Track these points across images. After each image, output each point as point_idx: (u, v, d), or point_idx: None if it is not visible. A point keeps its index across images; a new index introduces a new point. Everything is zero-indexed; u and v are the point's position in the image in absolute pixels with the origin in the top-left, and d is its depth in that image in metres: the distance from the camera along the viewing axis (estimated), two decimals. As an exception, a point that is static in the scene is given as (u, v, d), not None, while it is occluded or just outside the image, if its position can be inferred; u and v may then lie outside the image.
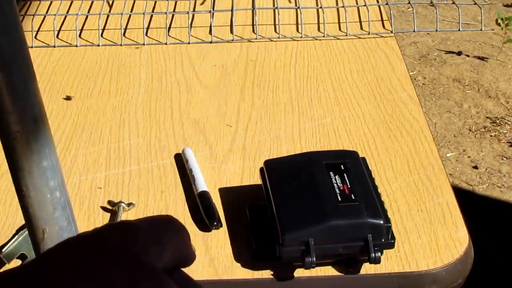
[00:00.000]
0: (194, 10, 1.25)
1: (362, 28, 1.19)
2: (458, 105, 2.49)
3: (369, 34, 1.17)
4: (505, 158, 2.22)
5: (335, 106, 0.99)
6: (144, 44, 1.16)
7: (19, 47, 0.43)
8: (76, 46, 1.16)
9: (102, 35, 1.18)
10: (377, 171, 0.86)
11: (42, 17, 1.24)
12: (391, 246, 0.71)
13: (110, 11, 1.25)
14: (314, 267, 0.69)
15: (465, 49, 2.82)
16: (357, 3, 1.27)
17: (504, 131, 2.35)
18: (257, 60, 1.11)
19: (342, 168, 0.75)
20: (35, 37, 1.19)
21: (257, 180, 0.82)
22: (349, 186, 0.73)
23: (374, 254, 0.68)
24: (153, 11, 1.26)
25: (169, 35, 1.18)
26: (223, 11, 1.23)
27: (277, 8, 1.23)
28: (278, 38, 1.17)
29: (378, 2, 1.27)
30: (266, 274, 0.72)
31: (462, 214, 0.80)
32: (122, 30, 1.19)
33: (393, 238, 0.71)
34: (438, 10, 1.27)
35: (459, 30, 1.28)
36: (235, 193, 0.84)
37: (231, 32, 1.19)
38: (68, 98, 0.95)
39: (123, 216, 0.80)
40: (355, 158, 0.78)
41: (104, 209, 0.82)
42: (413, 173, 0.86)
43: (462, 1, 1.31)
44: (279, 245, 0.69)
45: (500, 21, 2.70)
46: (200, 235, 0.77)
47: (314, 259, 0.68)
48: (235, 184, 0.85)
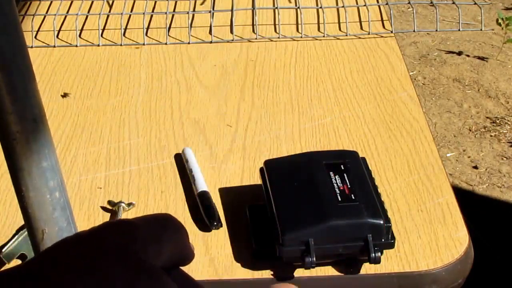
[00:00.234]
0: (194, 10, 1.25)
1: (362, 28, 1.19)
2: (458, 105, 2.49)
3: (369, 34, 1.17)
4: (505, 158, 2.22)
5: (335, 106, 0.99)
6: (144, 44, 1.16)
7: (19, 47, 0.43)
8: (76, 46, 1.16)
9: (102, 35, 1.18)
10: (377, 171, 0.86)
11: (42, 17, 1.24)
12: (391, 246, 0.71)
13: (110, 11, 1.25)
14: (314, 267, 0.69)
15: (465, 49, 2.81)
16: (357, 3, 1.27)
17: (504, 131, 2.34)
18: (257, 60, 1.11)
19: (342, 168, 0.75)
20: (35, 37, 1.19)
21: (257, 180, 0.82)
22: (349, 186, 0.73)
23: (374, 254, 0.68)
24: (153, 11, 1.26)
25: (169, 35, 1.18)
26: (223, 11, 1.23)
27: (277, 8, 1.23)
28: (278, 38, 1.17)
29: (378, 2, 1.27)
30: (266, 274, 0.72)
31: (462, 214, 0.80)
32: (122, 30, 1.19)
33: (393, 238, 0.71)
34: (438, 10, 1.27)
35: (459, 30, 1.28)
36: (235, 193, 0.83)
37: (231, 32, 1.19)
38: (65, 95, 0.95)
39: (123, 216, 0.80)
40: (355, 158, 0.78)
41: (104, 209, 0.82)
42: (413, 173, 0.86)
43: (462, 1, 1.31)
44: (279, 245, 0.69)
45: (500, 21, 2.70)
46: (200, 235, 0.77)
47: (314, 259, 0.68)
48: (235, 184, 0.85)
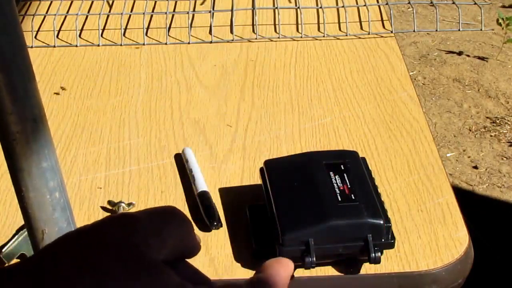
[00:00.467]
0: (194, 10, 1.25)
1: (362, 28, 1.19)
2: (458, 105, 2.49)
3: (369, 34, 1.17)
4: (505, 158, 2.22)
5: (335, 106, 0.99)
6: (144, 44, 1.16)
7: (19, 48, 0.43)
8: (76, 46, 1.16)
9: (102, 35, 1.18)
10: (377, 171, 0.86)
11: (42, 17, 1.24)
12: (391, 246, 0.71)
13: (110, 11, 1.25)
14: (314, 267, 0.69)
15: (465, 49, 2.81)
16: (357, 3, 1.27)
17: (504, 131, 2.34)
18: (257, 60, 1.11)
19: (342, 168, 0.75)
20: (35, 37, 1.19)
21: (257, 180, 0.82)
22: (349, 186, 0.73)
23: (374, 254, 0.68)
24: (153, 11, 1.26)
25: (169, 35, 1.18)
26: (223, 11, 1.23)
27: (277, 8, 1.23)
28: (278, 38, 1.17)
29: (378, 2, 1.27)
30: (266, 274, 0.72)
31: (462, 214, 0.80)
32: (122, 30, 1.19)
33: (393, 238, 0.71)
34: (438, 10, 1.27)
35: (459, 30, 1.28)
36: (235, 193, 0.83)
37: (231, 32, 1.19)
38: (61, 89, 0.95)
39: (123, 216, 0.80)
40: (355, 158, 0.78)
41: (104, 209, 0.82)
42: (413, 173, 0.86)
43: (462, 1, 1.31)
44: (279, 245, 0.69)
45: (501, 21, 2.70)
46: (200, 235, 0.77)
47: (314, 259, 0.68)
48: (235, 184, 0.85)
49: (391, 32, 1.18)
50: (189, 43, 1.16)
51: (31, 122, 0.44)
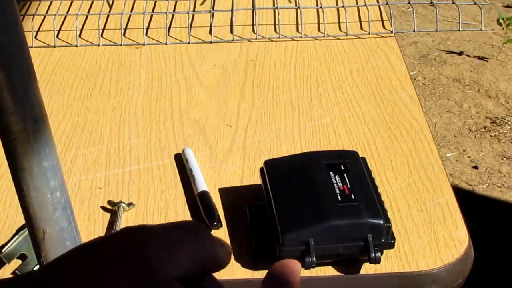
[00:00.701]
0: (194, 10, 1.25)
1: (362, 28, 1.19)
2: (458, 105, 2.49)
3: (369, 34, 1.17)
4: (505, 158, 2.22)
5: (335, 106, 0.99)
6: (144, 44, 1.16)
7: (20, 47, 0.43)
8: (76, 46, 1.16)
9: (102, 35, 1.18)
10: (377, 171, 0.86)
11: (42, 17, 1.24)
12: (391, 246, 0.71)
13: (110, 11, 1.25)
14: (314, 267, 0.69)
15: (465, 49, 2.82)
16: (357, 3, 1.27)
17: (504, 131, 2.35)
18: (257, 60, 1.11)
19: (342, 168, 0.75)
20: (35, 37, 1.19)
21: (257, 180, 0.82)
22: (349, 186, 0.73)
23: (374, 254, 0.68)
24: (153, 11, 1.26)
25: (169, 35, 1.18)
26: (223, 11, 1.23)
27: (277, 8, 1.23)
28: (278, 38, 1.17)
29: (378, 2, 1.27)
30: (266, 274, 0.72)
31: (462, 214, 0.80)
32: (122, 30, 1.19)
33: (393, 238, 0.71)
34: (438, 10, 1.27)
35: (459, 30, 1.28)
36: (235, 193, 0.84)
37: (231, 32, 1.19)
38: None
39: (123, 216, 0.80)
40: (355, 158, 0.78)
41: (104, 209, 0.82)
42: (413, 173, 0.86)
43: (462, 1, 1.31)
44: (279, 245, 0.69)
45: (501, 21, 2.70)
46: (200, 235, 0.77)
47: (314, 259, 0.68)
48: (235, 184, 0.85)
49: (391, 32, 1.18)
50: (189, 43, 1.16)
51: (32, 121, 0.44)
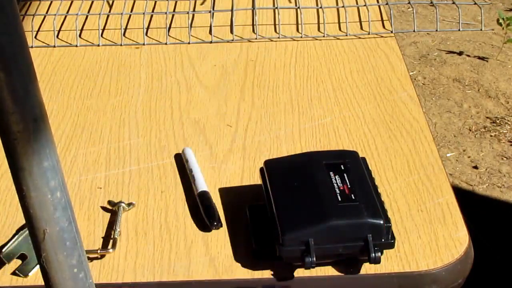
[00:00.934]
0: (194, 10, 1.25)
1: (362, 28, 1.19)
2: (458, 105, 2.49)
3: (369, 34, 1.17)
4: (505, 158, 2.22)
5: (335, 106, 0.99)
6: (144, 44, 1.16)
7: (20, 47, 0.42)
8: (76, 46, 1.16)
9: (102, 35, 1.18)
10: (377, 171, 0.86)
11: (42, 17, 1.24)
12: (391, 246, 0.71)
13: (110, 11, 1.25)
14: (314, 267, 0.69)
15: (465, 49, 2.81)
16: (357, 3, 1.27)
17: (504, 131, 2.34)
18: (257, 60, 1.11)
19: (342, 168, 0.75)
20: (35, 37, 1.19)
21: (257, 180, 0.82)
22: (349, 186, 0.73)
23: (374, 254, 0.68)
24: (153, 11, 1.26)
25: (169, 35, 1.18)
26: (223, 11, 1.23)
27: (277, 8, 1.23)
28: (278, 38, 1.17)
29: (378, 2, 1.27)
30: (266, 274, 0.72)
31: (462, 214, 0.80)
32: (122, 30, 1.19)
33: (393, 238, 0.71)
34: (438, 10, 1.27)
35: (459, 30, 1.28)
36: (235, 193, 0.84)
37: (231, 32, 1.19)
38: None
39: (123, 216, 0.80)
40: (355, 158, 0.78)
41: (104, 209, 0.82)
42: (413, 173, 0.86)
43: (462, 1, 1.31)
44: (279, 245, 0.69)
45: (501, 21, 2.70)
46: (200, 235, 0.77)
47: (314, 259, 0.68)
48: (235, 184, 0.85)
49: (391, 32, 1.18)
50: (189, 43, 1.16)
51: (32, 121, 0.44)
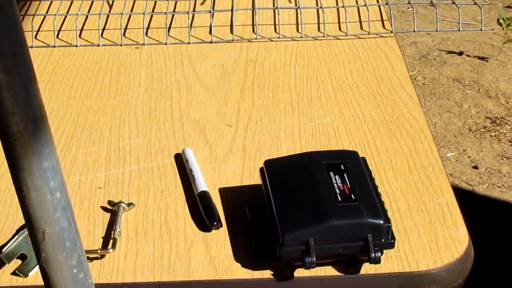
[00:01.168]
0: (194, 10, 1.25)
1: (362, 28, 1.19)
2: (458, 105, 2.49)
3: (369, 34, 1.17)
4: (505, 158, 2.22)
5: (335, 106, 0.99)
6: (144, 44, 1.16)
7: (20, 47, 0.42)
8: (76, 46, 1.16)
9: (102, 35, 1.18)
10: (377, 171, 0.86)
11: (42, 17, 1.24)
12: (391, 246, 0.71)
13: (110, 11, 1.25)
14: (314, 267, 0.69)
15: (465, 49, 2.81)
16: (357, 3, 1.27)
17: (504, 131, 2.34)
18: (257, 60, 1.11)
19: (342, 168, 0.75)
20: (35, 37, 1.19)
21: (257, 180, 0.82)
22: (349, 186, 0.73)
23: (374, 254, 0.68)
24: (153, 11, 1.26)
25: (169, 35, 1.18)
26: (223, 11, 1.23)
27: (277, 8, 1.23)
28: (278, 38, 1.17)
29: (378, 2, 1.27)
30: (266, 274, 0.72)
31: (462, 214, 0.80)
32: (122, 30, 1.19)
33: (393, 238, 0.71)
34: (438, 10, 1.27)
35: (459, 30, 1.28)
36: (235, 193, 0.84)
37: (231, 32, 1.19)
38: None
39: (123, 216, 0.80)
40: (355, 158, 0.78)
41: (104, 209, 0.82)
42: (413, 173, 0.86)
43: (462, 1, 1.31)
44: (279, 245, 0.69)
45: (502, 21, 2.70)
46: (200, 235, 0.77)
47: (314, 259, 0.68)
48: (235, 184, 0.85)
49: (391, 32, 1.18)
50: (189, 43, 1.16)
51: (32, 122, 0.44)
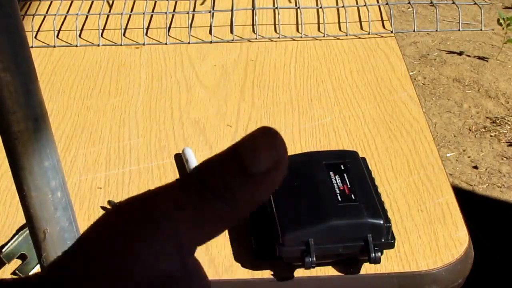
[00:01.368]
0: (194, 10, 1.25)
1: (362, 28, 1.19)
2: (458, 105, 2.49)
3: (369, 34, 1.17)
4: (505, 158, 2.22)
5: (335, 106, 0.99)
6: (144, 44, 1.16)
7: (21, 47, 0.43)
8: (76, 46, 1.16)
9: (102, 35, 1.18)
10: (377, 171, 0.86)
11: (42, 17, 1.24)
12: (391, 246, 0.71)
13: (110, 11, 1.25)
14: (314, 267, 0.69)
15: (465, 49, 2.82)
16: (357, 3, 1.27)
17: (504, 131, 2.35)
18: (257, 60, 1.11)
19: (342, 168, 0.75)
20: (35, 37, 1.19)
21: (257, 180, 0.82)
22: (349, 186, 0.73)
23: (374, 254, 0.68)
24: (153, 11, 1.26)
25: (169, 35, 1.18)
26: (223, 11, 1.23)
27: (277, 8, 1.23)
28: (278, 38, 1.17)
29: (378, 2, 1.27)
30: (266, 274, 0.72)
31: (462, 214, 0.80)
32: (122, 30, 1.19)
33: (393, 238, 0.71)
34: (438, 10, 1.27)
35: (459, 30, 1.28)
36: (235, 193, 0.83)
37: (231, 32, 1.19)
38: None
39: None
40: (355, 158, 0.78)
41: (104, 209, 0.82)
42: (413, 173, 0.86)
43: (462, 1, 1.31)
44: (279, 245, 0.69)
45: (502, 21, 2.70)
46: (200, 235, 0.77)
47: (314, 259, 0.68)
48: (235, 184, 0.85)
49: (391, 32, 1.18)
50: (189, 43, 1.16)
51: (33, 121, 0.44)
